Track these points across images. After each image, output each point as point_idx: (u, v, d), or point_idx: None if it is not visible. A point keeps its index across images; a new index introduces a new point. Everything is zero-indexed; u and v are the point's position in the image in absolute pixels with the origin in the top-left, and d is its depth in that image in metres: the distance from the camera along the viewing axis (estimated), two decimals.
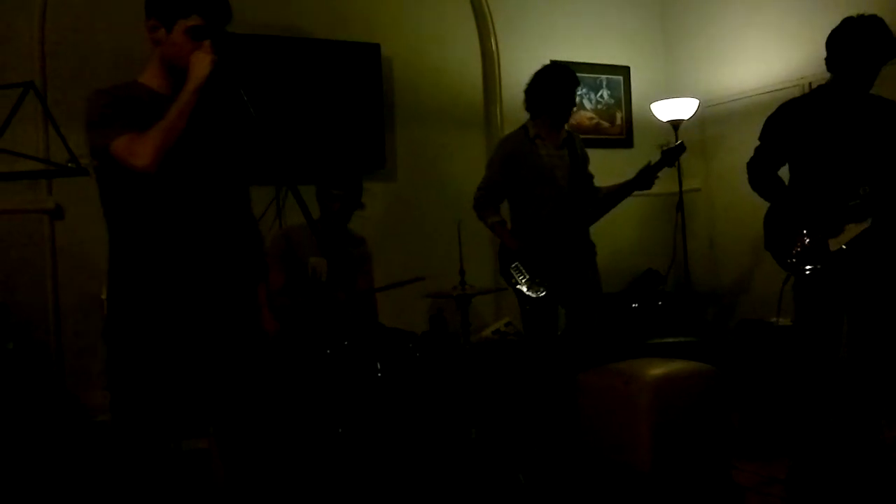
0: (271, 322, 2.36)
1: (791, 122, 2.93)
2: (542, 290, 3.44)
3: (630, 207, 3.95)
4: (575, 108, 4.94)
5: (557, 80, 3.58)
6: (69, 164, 1.57)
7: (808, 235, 2.83)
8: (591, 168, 3.82)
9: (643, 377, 3.19)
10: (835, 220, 2.79)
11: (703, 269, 5.02)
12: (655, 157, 3.53)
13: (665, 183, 4.82)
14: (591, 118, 5.11)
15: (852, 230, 2.76)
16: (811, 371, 2.89)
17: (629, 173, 3.58)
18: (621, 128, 5.22)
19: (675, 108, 4.70)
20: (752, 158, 3.03)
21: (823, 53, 2.90)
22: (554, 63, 3.64)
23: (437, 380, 3.34)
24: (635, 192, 3.58)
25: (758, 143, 3.02)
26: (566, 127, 3.72)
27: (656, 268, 5.05)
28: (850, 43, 2.79)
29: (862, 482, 2.80)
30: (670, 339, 4.25)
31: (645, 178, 3.51)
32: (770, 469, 3.11)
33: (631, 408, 3.16)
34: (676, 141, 3.78)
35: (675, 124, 4.70)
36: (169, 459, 2.05)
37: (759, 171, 2.99)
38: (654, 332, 4.42)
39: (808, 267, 2.83)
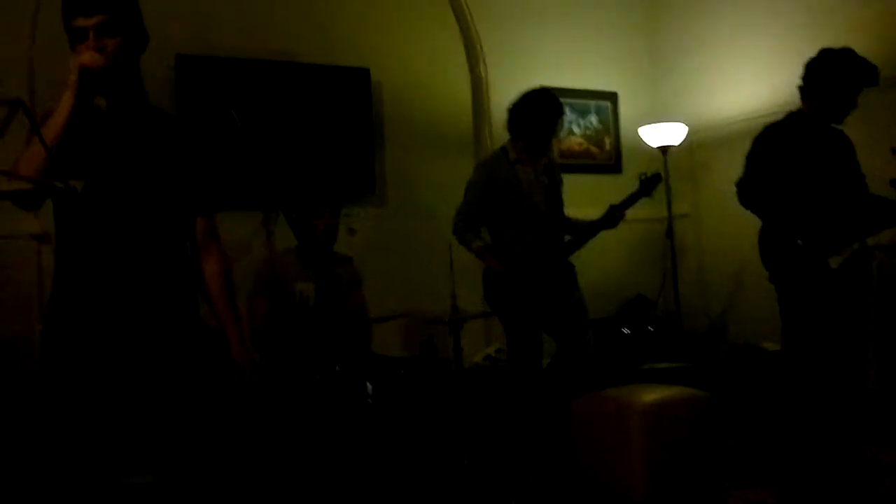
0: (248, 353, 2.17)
1: (778, 144, 3.02)
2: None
3: (620, 233, 3.92)
4: (562, 135, 4.92)
5: (540, 107, 3.51)
6: (57, 185, 1.54)
7: (808, 252, 2.92)
8: (580, 194, 3.82)
9: (636, 404, 3.16)
10: (834, 238, 2.90)
11: (692, 294, 5.01)
12: (636, 186, 3.54)
13: (654, 208, 4.84)
14: (581, 143, 5.13)
15: (846, 250, 2.89)
16: (809, 392, 2.96)
17: (618, 199, 3.57)
18: (610, 153, 5.24)
19: (663, 134, 4.71)
20: (742, 178, 3.10)
21: None
22: (542, 89, 3.58)
23: (428, 406, 3.29)
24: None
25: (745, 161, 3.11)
26: (548, 152, 3.69)
27: (646, 293, 5.04)
28: (830, 73, 2.92)
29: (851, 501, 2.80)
30: (662, 365, 4.23)
31: (610, 218, 3.52)
32: (764, 494, 3.07)
33: (624, 435, 3.13)
34: (653, 171, 3.73)
35: (664, 150, 4.72)
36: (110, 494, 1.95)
37: (752, 189, 3.06)
38: (645, 357, 4.40)
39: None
